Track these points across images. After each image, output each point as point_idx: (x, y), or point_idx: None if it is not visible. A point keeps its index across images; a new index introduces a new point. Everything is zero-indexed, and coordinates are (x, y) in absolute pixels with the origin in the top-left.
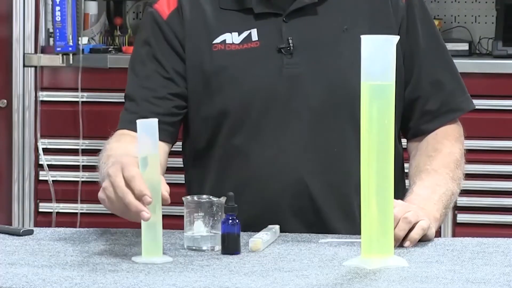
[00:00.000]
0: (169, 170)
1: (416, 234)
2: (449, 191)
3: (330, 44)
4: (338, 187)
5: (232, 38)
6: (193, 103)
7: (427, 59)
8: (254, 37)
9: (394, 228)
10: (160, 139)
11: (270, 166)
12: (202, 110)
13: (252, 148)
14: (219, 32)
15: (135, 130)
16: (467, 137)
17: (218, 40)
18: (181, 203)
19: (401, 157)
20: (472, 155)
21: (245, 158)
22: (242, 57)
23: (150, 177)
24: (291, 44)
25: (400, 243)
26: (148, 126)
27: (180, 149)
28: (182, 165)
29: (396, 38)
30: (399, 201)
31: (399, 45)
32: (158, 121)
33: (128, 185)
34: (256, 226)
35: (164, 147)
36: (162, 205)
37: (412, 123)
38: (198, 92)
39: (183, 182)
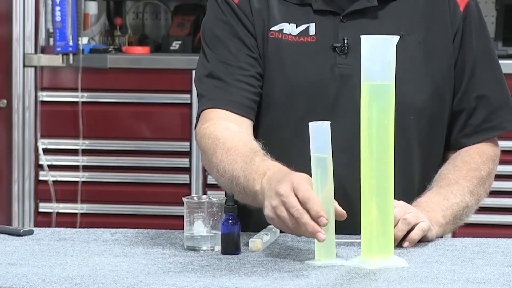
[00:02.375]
0: (170, 170)
1: (415, 235)
2: (464, 202)
3: None
4: None
5: (290, 29)
6: None
7: (478, 73)
8: (312, 31)
9: (394, 228)
10: (250, 118)
11: (308, 163)
12: None
13: (294, 143)
14: (278, 20)
15: (229, 109)
16: None
17: (276, 28)
18: (181, 203)
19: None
20: None
21: (287, 153)
22: (296, 49)
23: (323, 180)
24: (346, 44)
25: (399, 243)
26: (321, 129)
27: (183, 149)
28: (183, 165)
29: (396, 38)
30: (400, 202)
31: (451, 55)
32: (248, 98)
33: (303, 205)
34: None
35: (251, 125)
36: (337, 220)
37: (453, 135)
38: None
39: (183, 182)
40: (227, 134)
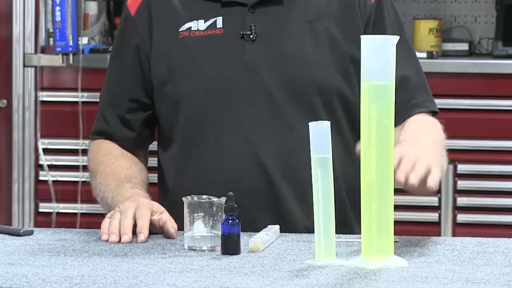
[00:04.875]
0: None
1: (436, 177)
2: (438, 134)
3: (292, 35)
4: (294, 169)
5: (198, 25)
6: (159, 91)
7: (396, 58)
8: (219, 24)
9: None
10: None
11: (230, 151)
12: (167, 97)
13: (213, 133)
14: (186, 20)
15: (106, 138)
16: (468, 137)
17: (183, 27)
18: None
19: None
20: (471, 155)
21: (206, 143)
22: (206, 43)
23: (323, 180)
24: (253, 31)
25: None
26: (321, 129)
27: None
28: None
29: (396, 38)
30: (401, 151)
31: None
32: (126, 138)
33: (135, 217)
34: None
35: (133, 159)
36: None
37: None
38: (164, 80)
39: None
40: (108, 159)
